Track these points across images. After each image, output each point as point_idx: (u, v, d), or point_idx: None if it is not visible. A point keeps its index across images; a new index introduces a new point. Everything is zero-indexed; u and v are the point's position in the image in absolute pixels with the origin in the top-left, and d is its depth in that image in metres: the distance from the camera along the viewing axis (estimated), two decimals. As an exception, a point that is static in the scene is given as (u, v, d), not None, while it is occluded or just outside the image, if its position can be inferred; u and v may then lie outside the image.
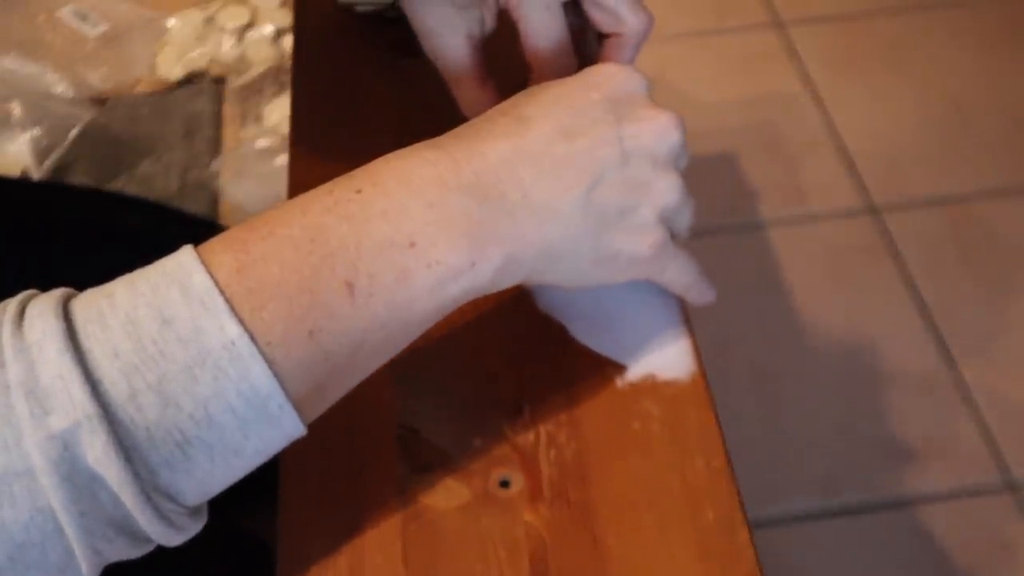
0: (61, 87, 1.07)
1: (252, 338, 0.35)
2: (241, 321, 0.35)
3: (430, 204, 0.39)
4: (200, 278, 0.35)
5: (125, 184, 1.04)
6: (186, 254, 0.36)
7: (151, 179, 1.05)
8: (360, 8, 0.66)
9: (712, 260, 1.38)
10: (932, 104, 1.59)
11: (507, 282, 0.41)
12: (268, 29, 1.15)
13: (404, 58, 0.64)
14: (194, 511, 0.38)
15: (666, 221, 0.45)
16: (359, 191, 0.39)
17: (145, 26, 1.15)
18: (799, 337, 1.32)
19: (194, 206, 1.02)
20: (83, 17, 1.13)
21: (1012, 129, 1.55)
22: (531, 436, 0.46)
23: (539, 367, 0.48)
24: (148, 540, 0.37)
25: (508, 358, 0.49)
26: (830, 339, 1.32)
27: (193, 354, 0.34)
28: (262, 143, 1.05)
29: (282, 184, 0.59)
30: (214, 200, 1.05)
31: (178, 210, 0.86)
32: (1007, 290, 1.36)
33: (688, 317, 0.50)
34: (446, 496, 0.44)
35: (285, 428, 0.36)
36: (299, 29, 0.68)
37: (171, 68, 1.12)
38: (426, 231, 0.38)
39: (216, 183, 1.04)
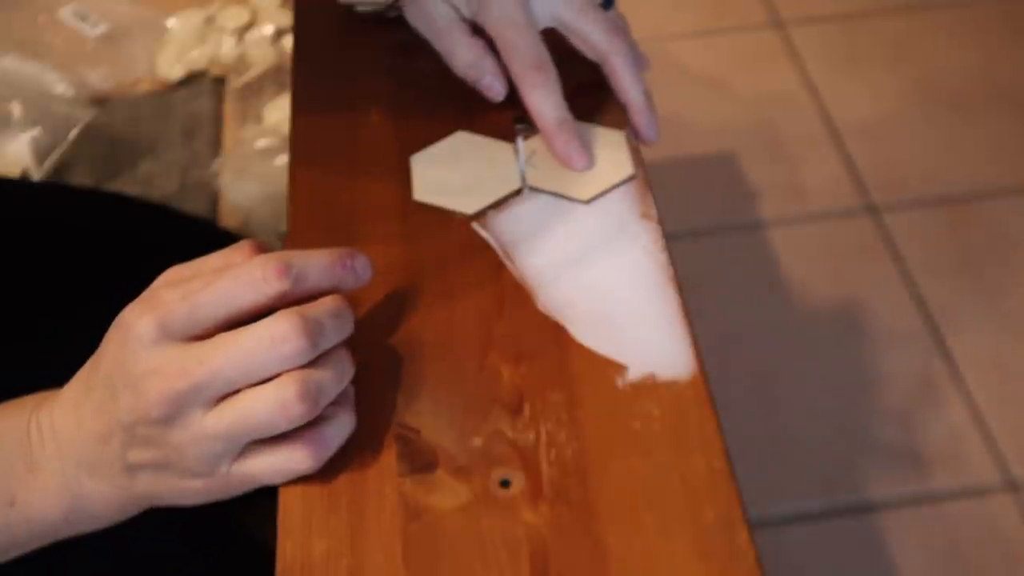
0: (61, 87, 1.07)
1: None
2: None
3: (31, 466, 0.45)
4: None
5: (125, 184, 1.04)
6: None
7: (151, 179, 1.05)
8: (360, 8, 0.66)
9: (712, 260, 1.39)
10: (932, 104, 1.59)
11: (128, 514, 0.47)
12: (268, 29, 1.14)
13: (404, 58, 0.64)
14: None
15: (217, 459, 0.43)
16: None
17: (145, 26, 1.15)
18: (799, 337, 1.32)
19: (194, 206, 1.02)
20: (83, 17, 1.13)
21: (1012, 129, 1.55)
22: (531, 436, 0.46)
23: (539, 367, 0.48)
24: None
25: (508, 358, 0.49)
26: (830, 339, 1.32)
27: None
28: (262, 143, 1.05)
29: (282, 184, 0.59)
30: (214, 200, 1.05)
31: (178, 212, 0.86)
32: (1007, 290, 1.36)
33: (688, 317, 0.50)
34: (446, 496, 0.44)
35: None
36: (299, 29, 0.68)
37: (171, 68, 1.12)
38: (23, 491, 0.45)
39: (216, 183, 1.04)
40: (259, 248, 0.46)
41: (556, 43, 0.60)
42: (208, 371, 0.41)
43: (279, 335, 0.42)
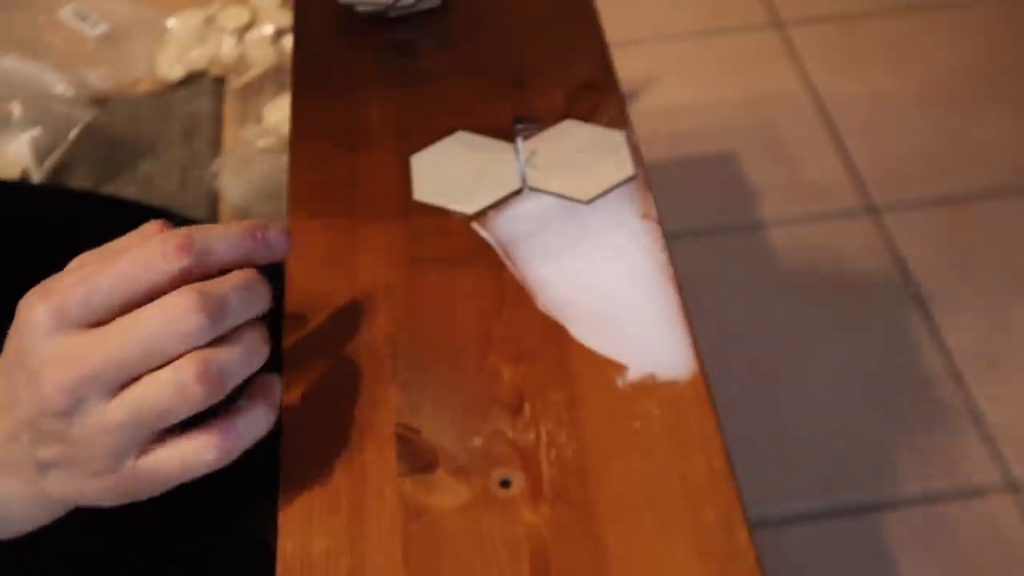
0: (61, 87, 1.07)
1: None
2: None
3: None
4: None
5: (125, 184, 1.04)
6: None
7: (151, 179, 1.05)
8: (360, 8, 0.66)
9: (712, 260, 1.39)
10: (932, 104, 1.59)
11: (53, 515, 0.44)
12: (268, 29, 1.14)
13: (404, 58, 0.64)
14: None
15: (121, 453, 0.41)
16: None
17: (145, 26, 1.15)
18: (799, 337, 1.32)
19: (194, 206, 1.02)
20: (83, 17, 1.13)
21: (1012, 129, 1.55)
22: (531, 436, 0.46)
23: (539, 367, 0.48)
24: None
25: (508, 358, 0.49)
26: (830, 339, 1.32)
27: None
28: (262, 143, 1.05)
29: (282, 184, 0.59)
30: (214, 200, 1.05)
31: (177, 215, 0.86)
32: (1007, 290, 1.36)
33: (688, 317, 0.50)
34: (446, 496, 0.44)
35: None
36: (299, 29, 0.68)
37: (171, 68, 1.12)
38: None
39: (216, 183, 1.04)
40: (168, 227, 0.43)
41: (556, 42, 0.60)
42: (103, 357, 0.39)
43: (175, 313, 0.39)
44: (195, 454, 0.41)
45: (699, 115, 1.57)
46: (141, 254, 0.40)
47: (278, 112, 1.08)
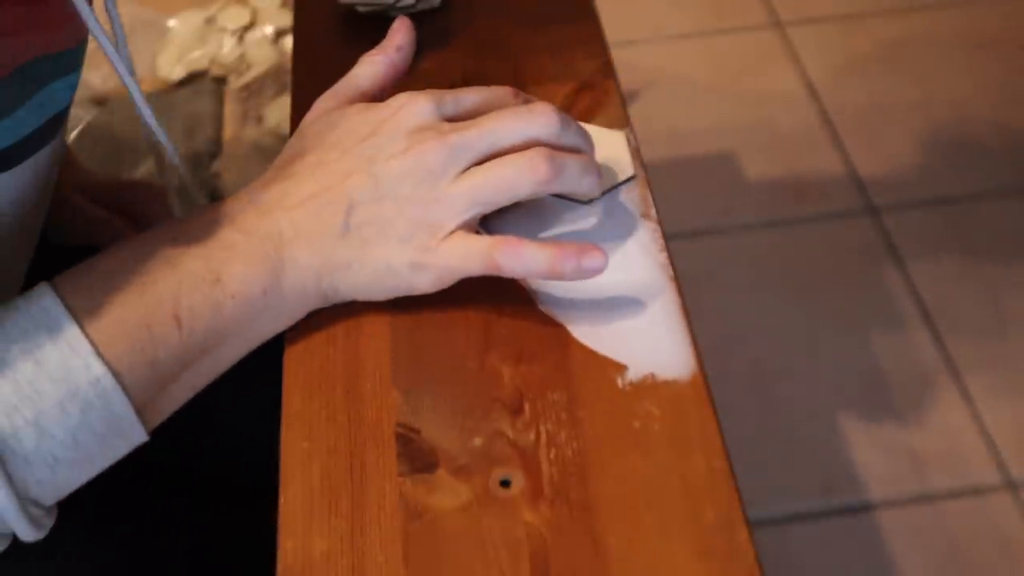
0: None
1: (113, 373, 0.42)
2: (101, 358, 0.41)
3: (228, 246, 0.46)
4: (65, 323, 0.42)
5: (125, 184, 1.04)
6: (48, 298, 0.42)
7: (151, 179, 1.05)
8: (360, 8, 0.66)
9: (712, 260, 1.39)
10: (931, 104, 1.59)
11: (309, 305, 0.49)
12: (268, 29, 1.15)
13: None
14: (50, 510, 0.45)
15: (436, 230, 0.47)
16: (175, 239, 0.46)
17: (146, 26, 1.15)
18: (799, 337, 1.33)
19: (193, 206, 1.02)
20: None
21: (1011, 129, 1.55)
22: (531, 435, 0.46)
23: (539, 367, 0.48)
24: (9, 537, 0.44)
25: (508, 358, 0.49)
26: (830, 339, 1.32)
27: (64, 391, 0.41)
28: (262, 143, 1.05)
29: (282, 184, 0.59)
30: (214, 200, 1.05)
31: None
32: (1007, 290, 1.36)
33: (688, 317, 0.50)
34: (447, 496, 0.44)
35: (134, 440, 0.44)
36: (299, 29, 0.68)
37: (172, 68, 1.12)
38: (227, 269, 0.45)
39: (216, 183, 1.04)
40: (519, 96, 0.52)
41: (556, 42, 0.60)
42: (477, 131, 0.47)
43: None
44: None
45: (699, 115, 1.57)
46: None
47: (278, 112, 1.09)
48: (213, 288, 0.45)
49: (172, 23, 1.16)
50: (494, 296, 0.51)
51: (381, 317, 0.51)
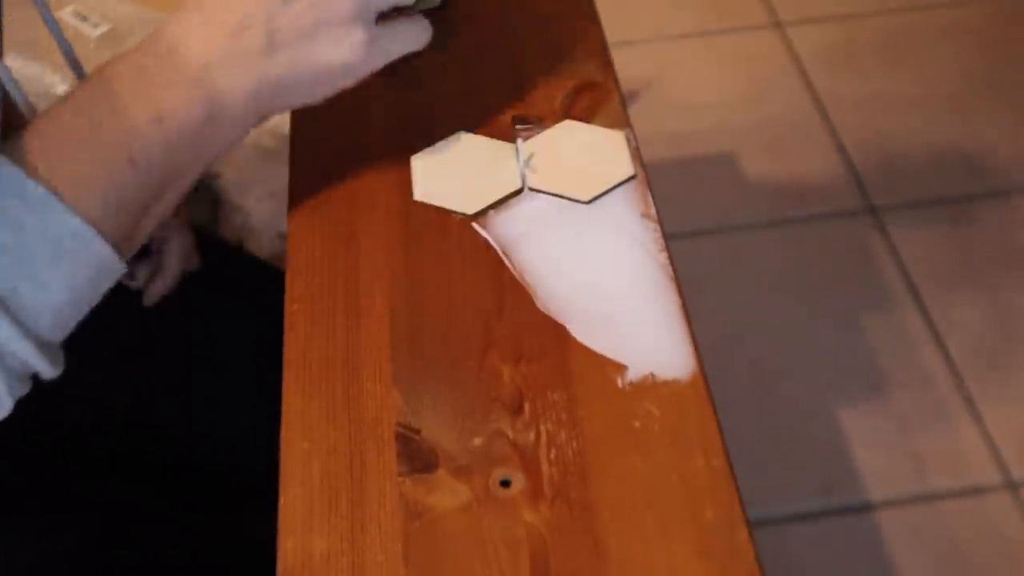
0: (61, 87, 1.07)
1: (89, 223, 0.45)
2: (76, 214, 0.45)
3: (165, 85, 0.48)
4: (31, 187, 0.44)
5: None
6: (5, 168, 0.44)
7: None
8: (360, 8, 0.65)
9: (712, 260, 1.39)
10: (931, 104, 1.59)
11: (251, 124, 0.52)
12: (268, 29, 1.14)
13: (404, 58, 0.63)
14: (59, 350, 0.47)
15: (365, 19, 0.50)
16: (111, 87, 0.48)
17: (145, 26, 1.15)
18: (799, 337, 1.32)
19: (194, 207, 1.02)
20: (83, 17, 1.13)
21: (1012, 129, 1.55)
22: (531, 435, 0.46)
23: (539, 367, 0.48)
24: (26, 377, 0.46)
25: (508, 358, 0.49)
26: (830, 339, 1.32)
27: (49, 250, 0.44)
28: (262, 143, 1.05)
29: (282, 184, 0.60)
30: (215, 201, 1.05)
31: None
32: (1007, 290, 1.36)
33: (688, 317, 0.50)
34: (447, 496, 0.44)
35: (117, 274, 0.48)
36: (299, 29, 0.67)
37: (171, 68, 1.12)
38: (168, 106, 0.48)
39: (216, 184, 1.04)
40: None
41: (556, 42, 0.60)
42: None
43: None
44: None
45: (699, 115, 1.57)
46: None
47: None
48: (160, 127, 0.48)
49: (172, 23, 1.15)
50: (494, 296, 0.51)
51: (382, 317, 0.51)
